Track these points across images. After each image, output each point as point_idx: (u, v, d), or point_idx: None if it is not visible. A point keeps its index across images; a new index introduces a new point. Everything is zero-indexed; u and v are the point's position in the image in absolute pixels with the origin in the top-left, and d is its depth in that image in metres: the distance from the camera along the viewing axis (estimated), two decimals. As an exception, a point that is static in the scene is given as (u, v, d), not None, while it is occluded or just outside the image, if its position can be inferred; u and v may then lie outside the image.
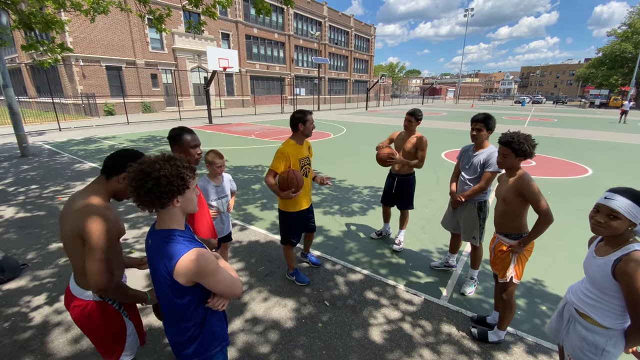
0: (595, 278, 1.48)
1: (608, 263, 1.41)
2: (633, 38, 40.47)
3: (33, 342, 2.40)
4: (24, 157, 8.80)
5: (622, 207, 1.34)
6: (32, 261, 3.51)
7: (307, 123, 2.81)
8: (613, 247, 1.43)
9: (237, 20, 29.34)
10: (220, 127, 15.74)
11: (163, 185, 1.12)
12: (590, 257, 1.55)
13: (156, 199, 1.14)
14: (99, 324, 1.50)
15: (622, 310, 1.42)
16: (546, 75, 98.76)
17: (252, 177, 6.97)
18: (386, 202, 3.99)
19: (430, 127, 17.31)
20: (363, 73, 50.75)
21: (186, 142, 2.03)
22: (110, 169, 1.47)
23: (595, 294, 1.50)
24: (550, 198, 5.44)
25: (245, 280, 3.22)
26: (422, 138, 3.51)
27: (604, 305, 1.47)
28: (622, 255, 1.36)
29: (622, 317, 1.43)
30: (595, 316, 1.49)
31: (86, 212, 1.36)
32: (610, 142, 12.71)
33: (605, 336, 1.47)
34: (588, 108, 42.62)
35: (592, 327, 1.51)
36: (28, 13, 6.86)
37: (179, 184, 1.16)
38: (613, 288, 1.41)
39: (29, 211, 4.95)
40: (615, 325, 1.45)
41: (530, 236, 2.14)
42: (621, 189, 1.40)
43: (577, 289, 1.62)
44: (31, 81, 25.47)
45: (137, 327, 1.68)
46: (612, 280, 1.40)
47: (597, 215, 1.43)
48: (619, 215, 1.36)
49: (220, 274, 1.22)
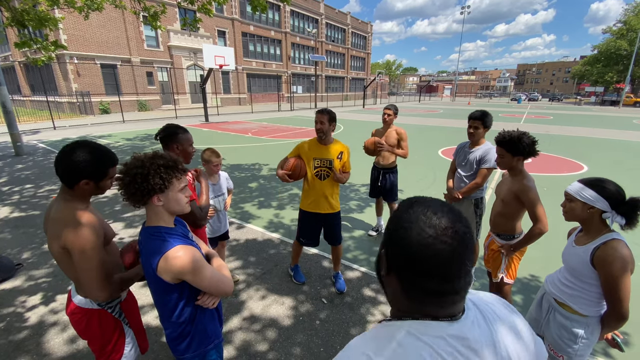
0: (574, 267, 1.54)
1: (587, 251, 1.47)
2: (628, 35, 40.76)
3: (29, 342, 2.38)
4: (18, 156, 8.71)
5: (572, 189, 1.52)
6: (27, 261, 3.48)
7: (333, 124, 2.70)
8: (591, 237, 1.49)
9: (234, 18, 29.16)
10: (216, 125, 15.67)
11: (138, 183, 1.15)
12: (569, 247, 1.61)
13: (132, 195, 1.17)
14: (97, 332, 1.47)
15: (599, 297, 1.49)
16: (542, 73, 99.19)
17: (249, 175, 6.95)
18: (373, 194, 4.09)
19: (427, 124, 17.34)
20: (360, 71, 50.67)
21: (182, 140, 2.01)
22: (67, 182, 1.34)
23: (573, 282, 1.55)
24: (545, 194, 5.46)
25: (243, 278, 3.21)
26: (402, 130, 3.72)
27: (581, 294, 1.52)
28: (600, 244, 1.43)
29: (599, 305, 1.50)
30: (574, 305, 1.55)
31: (63, 225, 1.29)
32: (605, 139, 12.80)
33: (584, 324, 1.53)
34: (595, 106, 42.58)
35: (571, 315, 1.56)
36: (21, 10, 6.76)
37: (156, 183, 1.17)
38: (591, 276, 1.47)
39: (23, 210, 4.91)
40: (592, 312, 1.52)
41: (521, 242, 2.14)
42: (582, 178, 1.54)
43: (555, 278, 1.68)
44: (25, 79, 25.17)
45: (137, 335, 1.63)
46: (591, 268, 1.46)
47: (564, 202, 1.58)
48: (571, 196, 1.52)
49: (206, 271, 1.21)
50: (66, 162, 1.31)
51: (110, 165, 1.39)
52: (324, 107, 3.12)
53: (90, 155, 1.33)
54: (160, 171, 1.17)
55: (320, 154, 2.71)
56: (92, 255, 1.29)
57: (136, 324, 1.65)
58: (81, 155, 1.31)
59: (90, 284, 1.30)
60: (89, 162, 1.32)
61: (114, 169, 1.40)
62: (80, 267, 1.29)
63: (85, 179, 1.33)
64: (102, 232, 1.38)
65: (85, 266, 1.29)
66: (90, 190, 1.38)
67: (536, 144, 2.06)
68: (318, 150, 2.71)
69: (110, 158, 1.40)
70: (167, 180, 1.19)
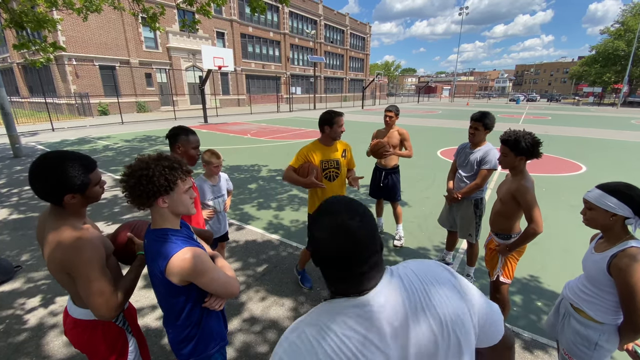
0: (592, 274, 1.50)
1: (604, 259, 1.42)
2: (626, 36, 40.88)
3: (28, 344, 2.37)
4: (17, 158, 8.69)
5: (592, 196, 1.46)
6: (26, 263, 3.47)
7: (334, 126, 2.56)
8: (610, 243, 1.44)
9: (232, 19, 29.17)
10: (216, 127, 15.66)
11: (144, 185, 1.14)
12: (589, 254, 1.57)
13: (138, 197, 1.16)
14: (101, 344, 1.38)
15: (616, 306, 1.44)
16: (540, 73, 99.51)
17: (248, 176, 6.94)
18: (374, 194, 4.09)
19: (426, 125, 17.37)
20: (359, 72, 50.73)
21: (185, 142, 2.02)
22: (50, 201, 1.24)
23: (591, 289, 1.51)
24: (544, 194, 5.48)
25: (243, 280, 3.21)
26: (404, 130, 3.74)
27: (598, 301, 1.48)
28: (618, 252, 1.38)
29: (616, 313, 1.45)
30: (589, 311, 1.51)
31: (61, 251, 1.18)
32: (604, 139, 12.84)
33: (599, 331, 1.49)
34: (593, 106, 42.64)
35: (586, 321, 1.53)
36: (19, 12, 6.75)
37: (161, 185, 1.16)
38: (608, 284, 1.43)
39: (22, 212, 4.90)
40: (608, 320, 1.47)
41: (517, 242, 2.15)
42: (601, 184, 1.47)
43: (574, 285, 1.64)
44: (23, 81, 25.13)
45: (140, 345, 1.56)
46: (607, 276, 1.41)
47: (583, 209, 1.53)
48: (591, 205, 1.46)
49: (214, 273, 1.21)
50: (38, 184, 1.19)
51: (86, 172, 1.24)
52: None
53: (60, 169, 1.18)
54: (165, 172, 1.17)
55: (326, 155, 2.66)
56: (98, 277, 1.21)
57: (138, 333, 1.58)
58: (50, 172, 1.18)
59: (100, 306, 1.22)
60: (61, 177, 1.18)
61: (94, 173, 1.28)
62: (86, 293, 1.21)
63: (67, 193, 1.20)
64: (104, 250, 1.29)
65: (92, 291, 1.20)
66: (80, 203, 1.26)
67: (540, 146, 2.05)
68: (323, 152, 2.66)
69: (83, 165, 1.24)
70: (172, 181, 1.19)
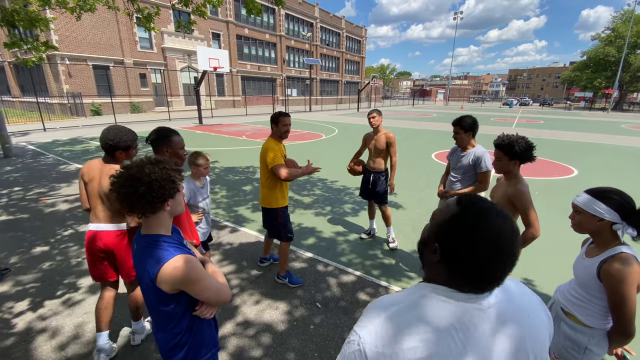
0: (582, 279, 1.51)
1: (594, 264, 1.43)
2: (616, 42, 41.58)
3: (16, 349, 2.32)
4: (7, 158, 8.54)
5: (580, 200, 1.46)
6: (14, 265, 3.40)
7: (279, 125, 2.88)
8: (600, 249, 1.45)
9: (228, 20, 29.12)
10: (210, 128, 15.58)
11: (155, 190, 1.11)
12: (580, 259, 1.57)
13: (148, 204, 1.12)
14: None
15: (605, 311, 1.45)
16: (533, 78, 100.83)
17: (243, 178, 6.91)
18: (363, 195, 4.12)
19: (420, 128, 17.48)
20: (354, 74, 50.94)
21: (175, 143, 2.00)
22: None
23: (581, 294, 1.52)
24: (536, 197, 5.53)
25: (236, 283, 3.18)
26: (391, 134, 3.77)
27: (589, 306, 1.49)
28: (608, 257, 1.38)
29: (606, 318, 1.46)
30: (579, 315, 1.52)
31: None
32: (595, 143, 13.04)
33: (588, 335, 1.49)
34: (585, 111, 43.35)
35: (576, 325, 1.53)
36: (11, 10, 6.64)
37: (170, 188, 1.15)
38: (598, 289, 1.43)
39: (12, 214, 4.81)
40: (598, 324, 1.47)
41: None
42: (590, 189, 1.48)
43: (565, 289, 1.65)
44: (15, 80, 24.74)
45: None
46: (597, 282, 1.41)
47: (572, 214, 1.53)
48: (579, 208, 1.46)
49: (205, 281, 1.19)
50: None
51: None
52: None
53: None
54: (171, 175, 1.17)
55: (282, 150, 2.99)
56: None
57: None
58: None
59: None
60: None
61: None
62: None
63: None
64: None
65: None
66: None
67: (533, 149, 2.06)
68: (280, 147, 2.96)
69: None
70: (178, 183, 1.20)
